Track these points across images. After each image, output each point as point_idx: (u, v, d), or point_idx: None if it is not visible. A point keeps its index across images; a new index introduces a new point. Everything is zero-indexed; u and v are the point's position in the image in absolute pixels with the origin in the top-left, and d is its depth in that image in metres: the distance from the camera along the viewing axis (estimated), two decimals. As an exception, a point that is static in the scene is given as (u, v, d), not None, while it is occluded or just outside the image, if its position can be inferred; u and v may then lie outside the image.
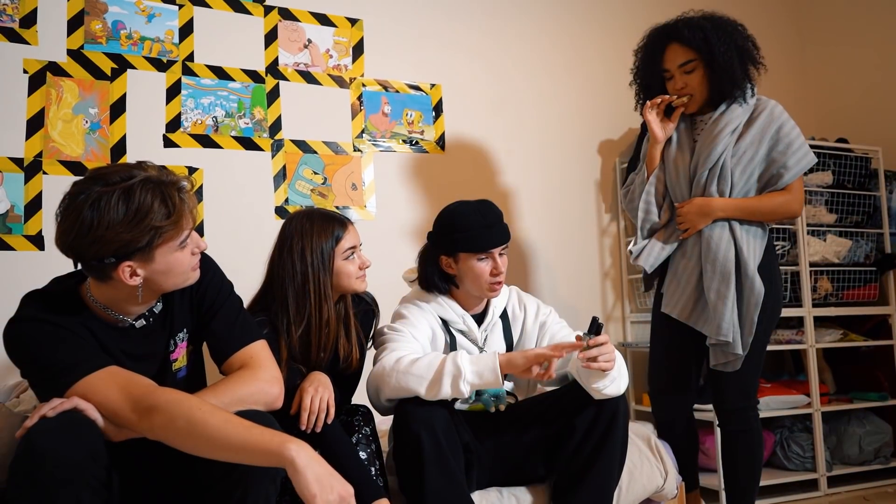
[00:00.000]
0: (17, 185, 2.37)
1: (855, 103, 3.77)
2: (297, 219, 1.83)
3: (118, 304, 1.43)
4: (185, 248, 1.41)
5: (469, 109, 3.16)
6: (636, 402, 3.27)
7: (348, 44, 2.97)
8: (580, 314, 3.25)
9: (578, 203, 3.36)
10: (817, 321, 3.17)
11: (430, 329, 1.94)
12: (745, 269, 2.14)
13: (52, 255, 2.32)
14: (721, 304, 2.12)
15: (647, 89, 2.33)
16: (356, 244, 1.86)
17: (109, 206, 1.28)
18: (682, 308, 2.20)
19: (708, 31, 2.15)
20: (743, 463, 2.25)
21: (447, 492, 1.66)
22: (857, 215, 3.33)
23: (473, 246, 1.89)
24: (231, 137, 2.70)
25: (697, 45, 2.16)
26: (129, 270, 1.34)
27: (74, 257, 1.34)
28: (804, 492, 2.99)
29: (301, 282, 1.76)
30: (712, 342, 2.16)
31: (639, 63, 2.35)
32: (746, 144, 2.17)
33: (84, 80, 2.51)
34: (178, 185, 1.37)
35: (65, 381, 1.30)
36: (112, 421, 1.31)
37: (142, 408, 1.29)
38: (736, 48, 2.16)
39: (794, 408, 3.03)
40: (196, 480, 1.38)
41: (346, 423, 1.73)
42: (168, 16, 2.67)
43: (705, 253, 2.17)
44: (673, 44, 2.22)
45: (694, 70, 2.19)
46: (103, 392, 1.30)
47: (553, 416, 1.85)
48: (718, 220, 2.17)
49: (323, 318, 1.77)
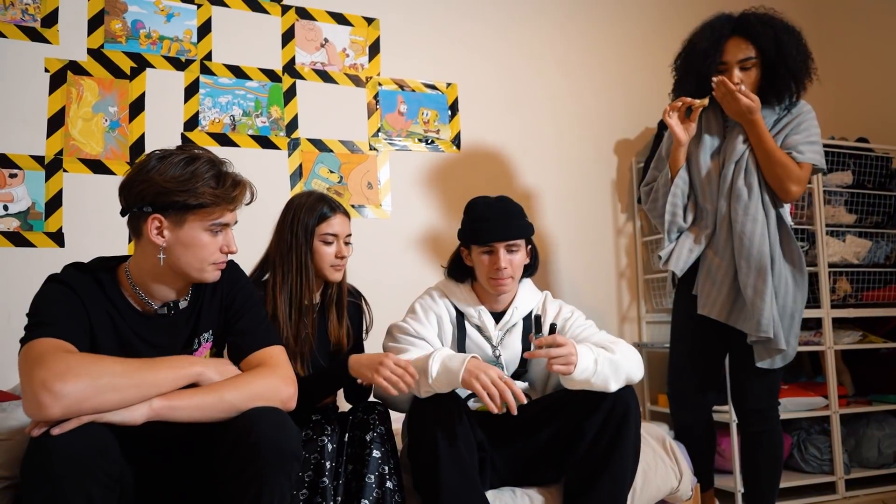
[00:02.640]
0: (38, 183, 2.40)
1: (875, 102, 3.73)
2: (301, 195, 1.96)
3: (146, 282, 1.48)
4: (215, 236, 1.47)
5: (485, 109, 3.16)
6: (651, 402, 3.25)
7: (365, 43, 2.98)
8: (596, 314, 3.23)
9: (594, 203, 3.34)
10: (836, 322, 3.13)
11: (436, 324, 1.96)
12: (778, 263, 2.12)
13: (73, 252, 2.36)
14: (759, 299, 2.07)
15: (697, 77, 2.20)
16: (339, 233, 1.91)
17: (172, 162, 1.42)
18: (720, 308, 2.15)
19: (778, 30, 2.11)
20: (765, 464, 2.23)
21: (462, 489, 1.66)
22: (878, 215, 3.29)
23: (475, 238, 1.93)
24: (248, 136, 2.72)
25: (764, 44, 2.11)
26: (158, 226, 1.41)
27: (123, 200, 1.45)
28: (822, 495, 2.96)
29: (286, 250, 1.87)
30: (753, 339, 2.12)
31: (693, 47, 2.23)
32: (775, 133, 2.16)
33: (104, 79, 2.54)
34: (236, 178, 1.48)
35: (29, 334, 1.33)
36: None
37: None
38: (804, 59, 2.14)
39: (811, 410, 3.00)
40: (211, 476, 1.39)
41: (361, 420, 1.74)
42: (187, 15, 2.69)
43: (738, 249, 2.12)
44: (737, 37, 2.14)
45: (752, 68, 2.14)
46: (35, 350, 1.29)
47: (562, 418, 1.82)
48: (751, 205, 2.11)
49: (303, 290, 1.86)
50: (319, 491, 1.59)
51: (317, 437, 1.65)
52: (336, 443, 1.68)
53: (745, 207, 2.13)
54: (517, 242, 1.91)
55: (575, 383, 1.71)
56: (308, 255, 1.87)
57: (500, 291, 1.94)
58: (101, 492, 1.23)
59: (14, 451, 1.53)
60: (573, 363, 1.65)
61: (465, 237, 1.97)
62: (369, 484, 1.64)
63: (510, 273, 1.90)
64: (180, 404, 1.32)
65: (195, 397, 1.34)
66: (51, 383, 1.20)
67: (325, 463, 1.63)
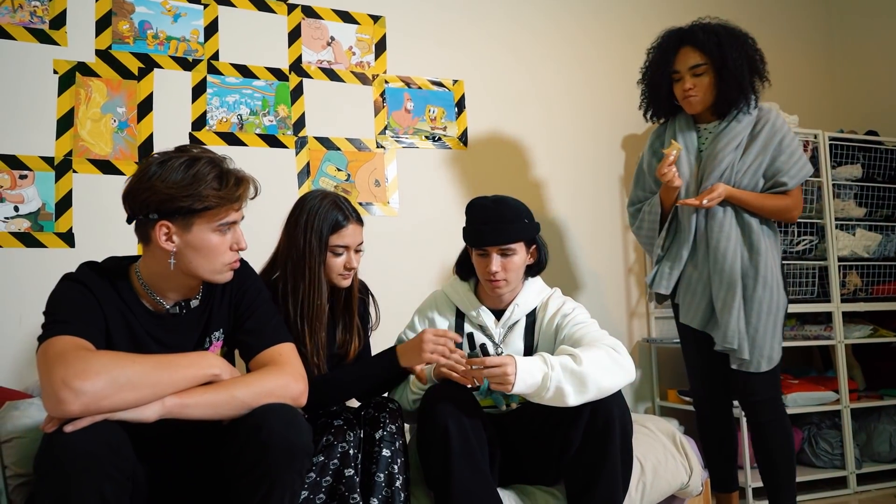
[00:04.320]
0: (48, 184, 2.42)
1: (885, 95, 3.70)
2: (314, 196, 1.90)
3: (157, 283, 1.49)
4: (224, 235, 1.47)
5: (491, 105, 3.16)
6: (661, 398, 3.25)
7: (371, 41, 2.98)
8: (604, 310, 3.23)
9: (602, 198, 3.34)
10: (846, 316, 3.12)
11: (428, 325, 2.03)
12: (763, 275, 2.21)
13: (83, 252, 2.37)
14: (726, 312, 2.20)
15: (655, 88, 2.40)
16: (351, 244, 1.87)
17: (173, 166, 1.42)
18: (699, 318, 2.29)
19: (722, 38, 2.24)
20: (779, 452, 2.26)
21: (474, 484, 1.66)
22: (888, 209, 3.27)
23: (470, 240, 1.97)
24: (256, 135, 2.73)
25: (710, 50, 2.24)
26: (166, 232, 1.42)
27: (128, 208, 1.45)
28: (833, 489, 2.95)
29: (298, 257, 1.83)
30: (718, 348, 2.24)
31: (649, 62, 2.42)
32: (752, 157, 2.25)
33: (112, 80, 2.55)
34: (238, 175, 1.48)
35: (47, 331, 1.34)
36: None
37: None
38: (746, 59, 2.25)
39: (822, 404, 2.99)
40: (222, 473, 1.40)
41: (373, 418, 1.74)
42: (193, 15, 2.70)
43: (713, 264, 2.25)
44: (686, 47, 2.30)
45: (703, 74, 2.27)
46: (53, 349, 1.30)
47: (552, 425, 1.78)
48: (725, 222, 2.24)
49: (314, 294, 1.82)
50: (338, 497, 1.59)
51: (338, 442, 1.64)
52: (357, 447, 1.67)
53: (721, 224, 2.25)
54: (512, 247, 1.90)
55: (532, 398, 1.67)
56: (321, 267, 1.83)
57: (497, 293, 1.96)
58: (114, 489, 1.24)
59: (28, 449, 1.55)
60: (510, 381, 1.61)
61: (465, 238, 2.00)
62: (378, 483, 1.64)
63: (503, 276, 1.91)
64: (192, 402, 1.33)
65: (206, 395, 1.35)
66: (71, 381, 1.22)
67: (345, 470, 1.61)
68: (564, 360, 1.66)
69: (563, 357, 1.68)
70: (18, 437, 1.59)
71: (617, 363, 1.71)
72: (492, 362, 1.63)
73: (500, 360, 1.63)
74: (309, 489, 1.56)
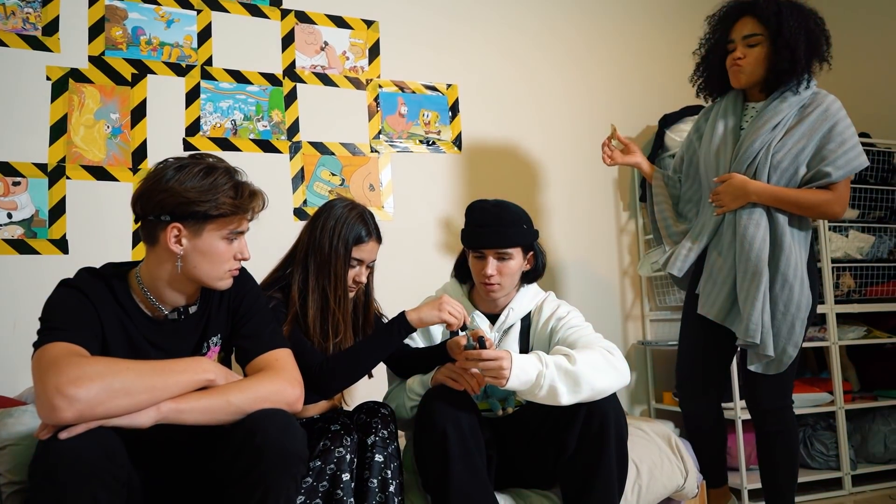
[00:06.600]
0: (42, 190, 2.41)
1: (877, 97, 3.72)
2: (344, 204, 1.92)
3: (158, 287, 1.49)
4: (231, 244, 1.50)
5: (485, 109, 3.16)
6: (657, 400, 3.25)
7: (364, 45, 2.99)
8: (599, 313, 3.24)
9: (596, 201, 3.35)
10: (840, 318, 3.13)
11: (425, 334, 2.06)
12: (783, 271, 2.07)
13: (77, 259, 2.37)
14: (749, 304, 2.05)
15: (708, 59, 2.27)
16: (366, 259, 1.90)
17: (191, 172, 1.45)
18: (718, 309, 2.14)
19: (783, 7, 2.09)
20: (782, 463, 2.19)
21: (472, 488, 1.66)
22: (880, 210, 3.28)
23: (467, 242, 1.97)
24: (250, 140, 2.73)
25: (767, 19, 2.10)
26: (176, 235, 1.43)
27: (140, 209, 1.46)
28: (828, 490, 2.96)
29: (322, 261, 1.85)
30: (740, 343, 2.11)
31: (708, 33, 2.28)
32: (795, 139, 2.08)
33: (105, 86, 2.55)
34: (252, 189, 1.52)
35: (42, 338, 1.33)
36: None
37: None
38: (805, 32, 2.08)
39: (817, 406, 2.99)
40: (217, 480, 1.40)
41: (365, 423, 1.74)
42: (186, 21, 2.70)
43: (739, 252, 2.10)
44: (746, 16, 2.15)
45: (757, 45, 2.12)
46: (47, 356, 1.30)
47: (547, 428, 1.78)
48: (756, 210, 2.10)
49: (338, 297, 1.84)
50: (335, 501, 1.58)
51: (335, 447, 1.63)
52: (354, 452, 1.66)
53: (750, 211, 2.11)
54: (508, 251, 1.90)
55: (525, 395, 1.68)
56: (346, 272, 1.86)
57: (490, 297, 1.97)
58: (109, 495, 1.23)
59: (22, 456, 1.54)
60: (504, 376, 1.61)
61: (462, 239, 2.00)
62: (372, 488, 1.63)
63: (498, 280, 1.91)
64: (187, 407, 1.33)
65: (202, 400, 1.35)
66: (65, 388, 1.21)
67: (342, 475, 1.60)
68: (559, 359, 1.67)
69: (558, 356, 1.69)
70: (13, 444, 1.58)
71: (611, 365, 1.71)
72: (488, 355, 1.63)
73: (496, 354, 1.63)
74: (305, 494, 1.56)
